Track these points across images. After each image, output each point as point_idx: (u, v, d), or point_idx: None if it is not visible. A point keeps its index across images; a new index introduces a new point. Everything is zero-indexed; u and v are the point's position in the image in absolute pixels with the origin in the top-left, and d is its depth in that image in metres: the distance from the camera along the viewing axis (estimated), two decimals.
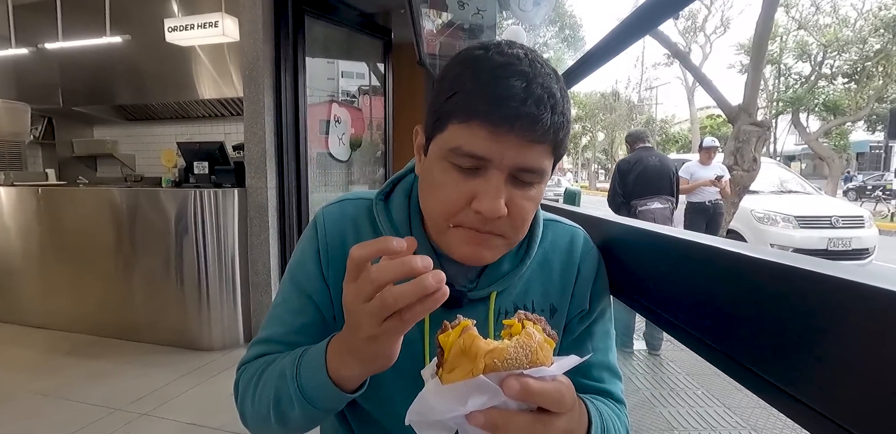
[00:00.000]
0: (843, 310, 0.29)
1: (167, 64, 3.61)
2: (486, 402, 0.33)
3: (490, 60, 0.48)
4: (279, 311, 0.59)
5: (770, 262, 0.35)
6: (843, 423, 0.28)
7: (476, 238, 0.50)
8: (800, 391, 0.32)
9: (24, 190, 3.05)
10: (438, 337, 0.36)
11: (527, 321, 0.36)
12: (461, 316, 0.37)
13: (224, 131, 3.93)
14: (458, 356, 0.34)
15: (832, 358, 0.29)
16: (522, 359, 0.33)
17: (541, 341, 0.34)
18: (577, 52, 21.13)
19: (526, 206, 0.49)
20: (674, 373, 2.64)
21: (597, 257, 0.63)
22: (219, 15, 2.91)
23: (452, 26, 2.81)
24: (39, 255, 3.05)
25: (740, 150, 3.96)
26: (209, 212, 2.67)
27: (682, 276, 0.47)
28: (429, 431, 0.36)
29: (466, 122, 0.47)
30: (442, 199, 0.49)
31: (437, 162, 0.50)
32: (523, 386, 0.32)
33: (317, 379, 0.46)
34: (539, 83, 0.46)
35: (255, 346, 0.58)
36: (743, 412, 2.18)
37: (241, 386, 0.56)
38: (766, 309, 0.35)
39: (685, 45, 19.16)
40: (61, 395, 2.16)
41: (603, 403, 0.55)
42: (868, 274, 0.29)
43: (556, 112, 0.47)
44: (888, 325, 0.26)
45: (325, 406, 0.47)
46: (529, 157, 0.47)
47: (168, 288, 2.75)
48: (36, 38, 3.84)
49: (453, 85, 0.48)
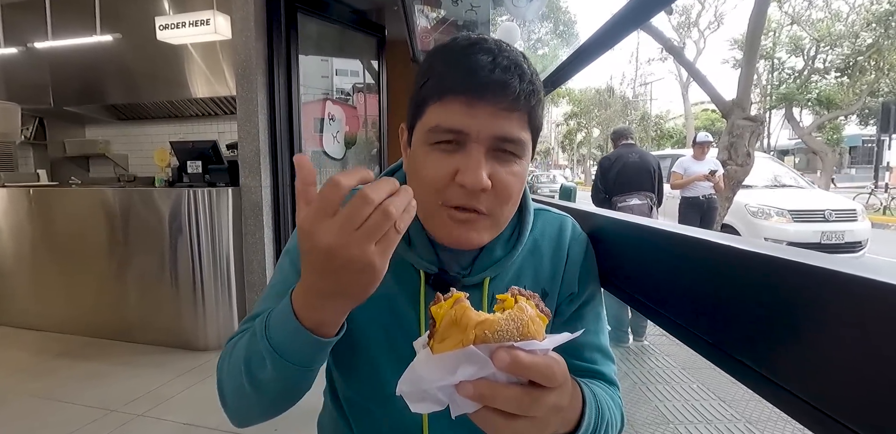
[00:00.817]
0: (830, 301, 0.29)
1: (159, 62, 3.58)
2: (475, 373, 0.33)
3: (457, 44, 0.51)
4: (274, 290, 0.59)
5: (757, 253, 0.35)
6: (831, 412, 0.28)
7: (462, 218, 0.51)
8: (787, 381, 0.32)
9: (15, 191, 3.03)
10: (431, 308, 0.36)
11: (520, 296, 0.37)
12: (454, 289, 0.37)
13: (217, 130, 3.90)
14: (450, 326, 0.34)
15: (819, 348, 0.29)
16: (513, 331, 0.33)
17: (532, 315, 0.34)
18: (571, 48, 21.10)
19: (510, 181, 0.50)
20: (669, 366, 2.66)
21: (585, 242, 0.64)
22: (210, 13, 2.89)
23: (446, 23, 2.80)
24: (32, 257, 3.03)
25: (734, 145, 3.97)
26: (203, 211, 2.65)
27: (672, 269, 0.48)
28: (420, 404, 0.35)
29: (441, 99, 0.49)
30: (427, 179, 0.50)
31: (419, 148, 0.52)
32: (513, 358, 0.32)
33: (286, 328, 0.43)
34: (505, 56, 0.49)
35: (246, 323, 0.58)
36: (738, 405, 2.20)
37: (221, 360, 0.54)
38: (753, 300, 0.35)
39: (679, 41, 19.18)
40: (56, 397, 2.15)
41: (596, 385, 0.55)
42: (854, 265, 0.29)
43: (525, 80, 0.49)
44: (877, 315, 0.26)
45: (298, 358, 0.44)
46: (506, 126, 0.49)
47: (162, 288, 2.74)
48: (25, 37, 3.80)
49: (426, 73, 0.52)
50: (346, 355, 0.60)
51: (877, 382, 0.25)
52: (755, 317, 0.35)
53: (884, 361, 0.25)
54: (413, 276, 0.57)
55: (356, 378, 0.61)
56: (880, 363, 0.25)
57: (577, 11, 31.52)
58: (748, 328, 0.36)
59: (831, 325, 0.29)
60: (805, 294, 0.31)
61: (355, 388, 0.62)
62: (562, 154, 40.91)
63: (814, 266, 0.30)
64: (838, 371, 0.28)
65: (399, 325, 0.57)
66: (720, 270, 0.39)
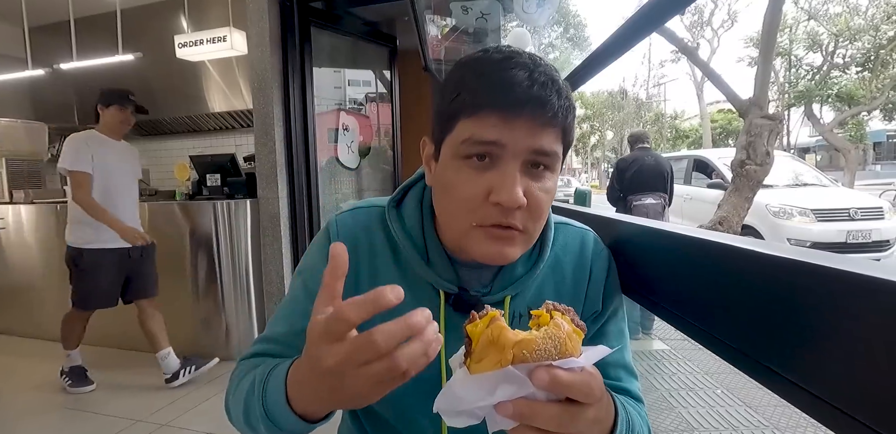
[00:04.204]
0: (857, 304, 0.28)
1: (178, 79, 3.68)
2: (514, 393, 0.33)
3: (490, 58, 0.49)
4: (286, 310, 0.59)
5: (782, 258, 0.34)
6: (865, 420, 0.28)
7: (499, 235, 0.49)
8: (819, 388, 0.31)
9: (43, 207, 3.13)
10: (466, 327, 0.36)
11: (555, 312, 0.36)
12: (489, 306, 0.37)
13: (235, 143, 3.99)
14: (487, 347, 0.34)
15: (850, 354, 0.29)
16: (551, 350, 0.33)
17: (569, 332, 0.34)
18: (582, 52, 21.09)
19: (542, 198, 0.50)
20: (692, 372, 2.60)
21: (607, 258, 0.62)
22: (227, 29, 2.97)
23: (457, 31, 2.82)
24: (60, 271, 3.11)
25: (752, 144, 3.89)
26: (222, 223, 2.70)
27: (695, 275, 0.47)
28: (456, 419, 0.36)
29: (476, 114, 0.48)
30: (459, 198, 0.49)
31: (449, 163, 0.50)
32: (553, 377, 0.32)
33: (279, 406, 0.44)
34: (541, 72, 0.48)
35: (257, 344, 0.58)
36: (765, 411, 2.14)
37: (231, 381, 0.55)
38: (778, 305, 0.35)
39: (692, 41, 18.98)
40: (84, 408, 2.20)
41: (625, 400, 0.54)
42: (881, 267, 0.28)
43: (562, 96, 0.48)
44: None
45: (290, 429, 0.44)
46: (542, 141, 0.48)
47: (185, 299, 2.79)
48: (51, 58, 3.95)
49: (457, 86, 0.50)
50: None
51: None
52: (781, 322, 0.34)
53: None
54: (432, 296, 0.56)
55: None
56: None
57: (586, 15, 31.45)
58: (774, 333, 0.35)
59: (859, 329, 0.28)
60: (831, 298, 0.30)
61: (376, 407, 0.61)
62: (575, 158, 40.65)
63: (838, 270, 0.29)
64: (871, 377, 0.27)
65: None
66: (744, 275, 0.39)
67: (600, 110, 29.85)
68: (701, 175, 6.42)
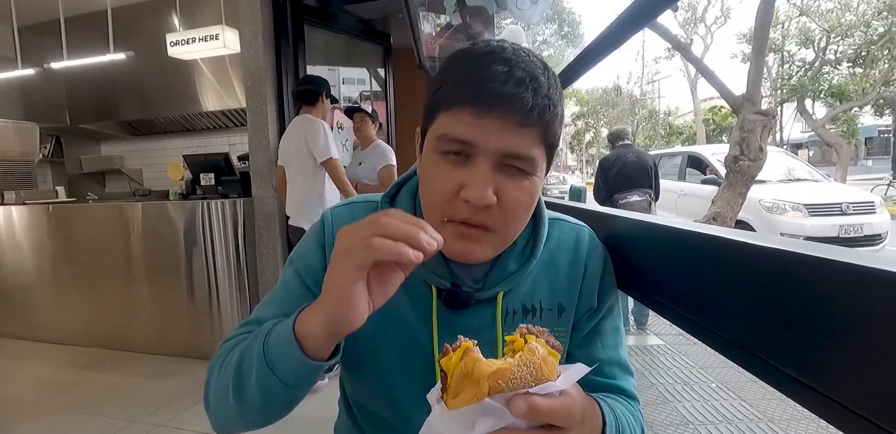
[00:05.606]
0: (854, 296, 0.28)
1: (170, 78, 3.65)
2: (494, 425, 0.33)
3: (474, 51, 0.49)
4: (277, 296, 0.57)
5: (776, 249, 0.34)
6: (861, 411, 0.28)
7: (466, 232, 0.49)
8: (815, 380, 0.32)
9: (35, 208, 3.10)
10: (440, 361, 0.35)
11: (529, 335, 0.36)
12: (462, 337, 0.36)
13: (229, 142, 3.97)
14: (462, 380, 0.33)
15: (846, 345, 0.29)
16: (527, 377, 0.33)
17: (544, 356, 0.34)
18: (576, 49, 21.08)
19: (517, 197, 0.49)
20: (686, 366, 2.62)
21: (603, 254, 0.62)
22: (219, 28, 2.95)
23: (451, 28, 2.81)
24: (52, 272, 3.10)
25: (746, 140, 3.91)
26: (217, 222, 2.69)
27: (689, 268, 0.47)
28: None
29: (451, 108, 0.48)
30: (434, 191, 0.49)
31: (429, 155, 0.51)
32: (530, 405, 0.32)
33: (282, 333, 0.43)
34: (521, 68, 0.47)
35: (242, 327, 0.56)
36: (759, 404, 2.16)
37: (213, 360, 0.52)
38: (776, 298, 0.35)
39: (686, 37, 19.03)
40: (80, 409, 2.18)
41: (616, 401, 0.55)
42: (877, 258, 0.28)
43: (540, 94, 0.46)
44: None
45: (282, 370, 0.43)
46: (514, 142, 0.46)
47: (179, 300, 2.77)
48: (41, 58, 3.91)
49: (441, 79, 0.50)
50: (358, 371, 0.59)
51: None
52: (777, 314, 0.35)
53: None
54: (425, 292, 0.56)
55: (370, 393, 0.61)
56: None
57: (581, 12, 31.47)
58: (772, 327, 0.35)
59: (856, 320, 0.28)
60: (827, 289, 0.30)
61: (371, 402, 0.61)
62: (570, 155, 40.73)
63: (835, 261, 0.29)
64: (865, 368, 0.28)
65: (412, 342, 0.56)
66: (739, 268, 0.39)
67: (595, 107, 29.90)
68: (695, 171, 6.44)
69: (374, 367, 0.58)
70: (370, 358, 0.57)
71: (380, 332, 0.56)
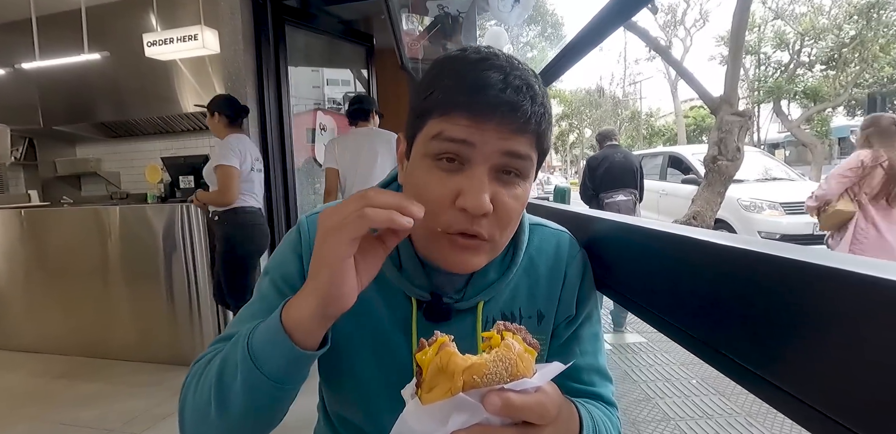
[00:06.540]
0: (821, 296, 0.29)
1: (148, 79, 3.58)
2: (467, 420, 0.33)
3: (467, 58, 0.48)
4: (253, 308, 0.56)
5: (750, 251, 0.35)
6: (818, 406, 0.29)
7: (465, 244, 0.48)
8: (775, 376, 0.32)
9: (6, 213, 3.01)
10: (416, 356, 0.35)
11: (506, 332, 0.36)
12: (438, 332, 0.36)
13: (209, 144, 3.90)
14: (437, 374, 0.33)
15: (808, 344, 0.30)
16: (503, 372, 0.32)
17: (521, 352, 0.34)
18: (558, 49, 21.23)
19: (511, 206, 0.48)
20: (667, 363, 2.66)
21: (582, 261, 0.62)
22: (198, 28, 2.89)
23: (433, 30, 2.81)
24: (25, 278, 3.01)
25: (723, 141, 3.99)
26: (196, 226, 2.64)
27: (665, 269, 0.48)
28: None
29: (447, 114, 0.46)
30: (426, 200, 0.46)
31: (419, 161, 0.49)
32: (504, 401, 0.32)
33: (268, 328, 0.42)
34: (517, 75, 0.47)
35: (213, 344, 0.53)
36: (737, 398, 2.21)
37: (187, 380, 0.50)
38: (750, 299, 0.35)
39: (666, 40, 19.35)
40: (55, 419, 2.12)
41: (594, 406, 0.55)
42: (850, 260, 0.29)
43: (536, 103, 0.47)
44: (863, 309, 0.26)
45: (270, 367, 0.42)
46: (514, 144, 0.46)
47: (158, 305, 2.72)
48: (12, 57, 3.79)
49: (431, 84, 0.49)
50: (337, 383, 0.59)
51: (867, 377, 0.26)
52: (740, 313, 0.35)
53: (876, 356, 0.25)
54: (405, 304, 0.55)
55: (348, 404, 0.60)
56: (870, 357, 0.25)
57: (563, 14, 31.78)
58: (734, 324, 0.36)
59: (830, 322, 0.29)
60: (801, 291, 0.31)
61: (349, 413, 0.60)
62: (555, 156, 41.08)
63: (808, 262, 0.30)
64: (831, 368, 0.28)
65: (390, 354, 0.55)
66: (713, 269, 0.40)
67: (578, 108, 30.21)
68: (676, 171, 6.55)
69: (352, 378, 0.57)
70: (348, 370, 0.57)
71: (359, 345, 0.55)
